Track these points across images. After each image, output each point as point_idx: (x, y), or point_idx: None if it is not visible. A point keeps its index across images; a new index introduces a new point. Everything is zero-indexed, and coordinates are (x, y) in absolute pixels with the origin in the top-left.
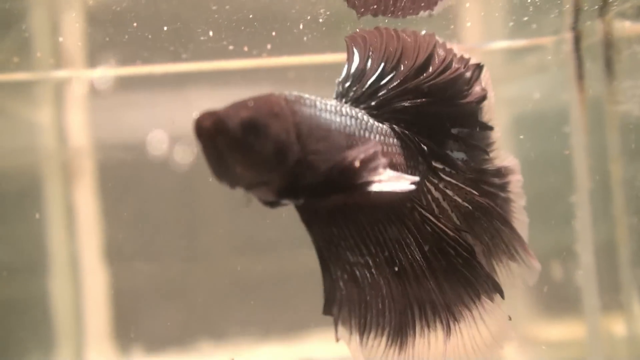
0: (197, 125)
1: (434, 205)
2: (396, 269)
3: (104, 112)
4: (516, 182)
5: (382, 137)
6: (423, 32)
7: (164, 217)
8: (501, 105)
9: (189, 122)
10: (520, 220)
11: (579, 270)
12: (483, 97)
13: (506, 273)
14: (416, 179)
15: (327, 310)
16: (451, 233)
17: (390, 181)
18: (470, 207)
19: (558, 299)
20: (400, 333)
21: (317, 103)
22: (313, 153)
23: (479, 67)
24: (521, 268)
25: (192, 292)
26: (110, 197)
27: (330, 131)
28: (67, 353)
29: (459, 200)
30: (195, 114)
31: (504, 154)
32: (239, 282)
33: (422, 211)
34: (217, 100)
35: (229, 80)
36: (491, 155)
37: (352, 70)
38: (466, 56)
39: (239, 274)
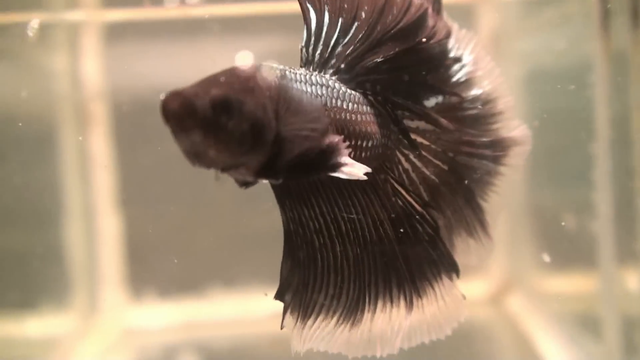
0: (163, 107)
1: (404, 177)
2: (365, 244)
3: (119, 58)
4: (517, 155)
5: (354, 106)
6: None
7: (177, 163)
8: (519, 59)
9: (203, 70)
10: (501, 195)
11: (595, 221)
12: (449, 32)
13: (464, 248)
14: (367, 169)
15: (279, 296)
16: (419, 208)
17: (349, 167)
18: (437, 181)
19: (571, 251)
20: (356, 309)
21: (288, 73)
22: (290, 129)
23: (438, 0)
24: (478, 245)
25: (204, 238)
26: (124, 143)
27: (303, 104)
28: (82, 298)
29: (427, 173)
30: (162, 95)
31: (513, 124)
32: (250, 228)
33: (394, 183)
34: (237, 47)
35: (248, 26)
36: (493, 121)
37: (312, 29)
38: None
39: (250, 220)
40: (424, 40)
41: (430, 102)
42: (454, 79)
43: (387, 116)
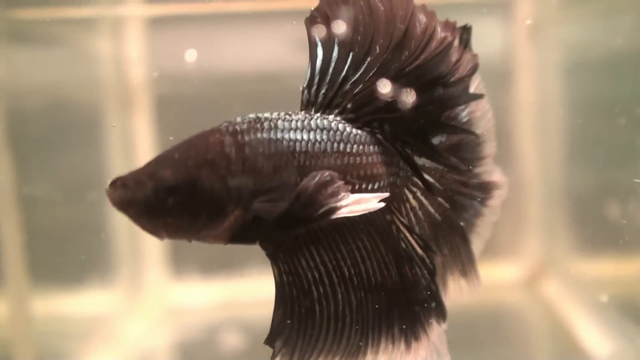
0: (108, 196)
1: (411, 215)
2: (370, 288)
3: (162, 46)
4: (497, 198)
5: (359, 147)
6: None
7: None
8: (560, 48)
9: (244, 59)
10: (481, 236)
11: (635, 206)
12: (475, 66)
13: (455, 288)
14: (385, 195)
15: (269, 341)
16: (420, 252)
17: (355, 205)
18: (439, 219)
19: (609, 236)
20: (357, 352)
21: (279, 123)
22: (267, 191)
23: (467, 30)
24: (469, 285)
25: None
26: (165, 128)
27: (288, 156)
28: (125, 277)
29: (432, 211)
30: (107, 184)
31: (494, 169)
32: None
33: (400, 225)
34: (281, 37)
35: (293, 18)
36: (480, 166)
37: (317, 67)
38: (451, 20)
39: None
40: (443, 78)
41: (435, 140)
42: (459, 117)
43: (396, 154)
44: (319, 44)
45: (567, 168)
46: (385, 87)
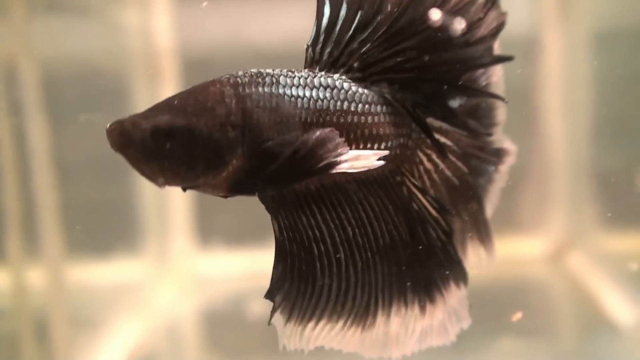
0: (108, 136)
1: (425, 178)
2: (378, 249)
3: (189, 15)
4: (508, 165)
5: (365, 107)
6: None
7: None
8: (588, 20)
9: (273, 30)
10: (492, 203)
11: None
12: (501, 25)
13: (475, 254)
14: (384, 153)
15: (269, 295)
16: (435, 213)
17: (354, 160)
18: (457, 183)
19: (635, 210)
20: (367, 313)
21: (282, 79)
22: (265, 141)
23: None
24: (486, 252)
25: None
26: None
27: (290, 112)
28: (153, 247)
29: (449, 174)
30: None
31: (503, 137)
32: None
33: (411, 186)
34: (306, 7)
35: None
36: (493, 132)
37: (323, 25)
38: None
39: None
40: (462, 37)
41: (454, 102)
42: (479, 81)
43: (407, 115)
44: (327, 1)
45: (594, 142)
46: (394, 44)
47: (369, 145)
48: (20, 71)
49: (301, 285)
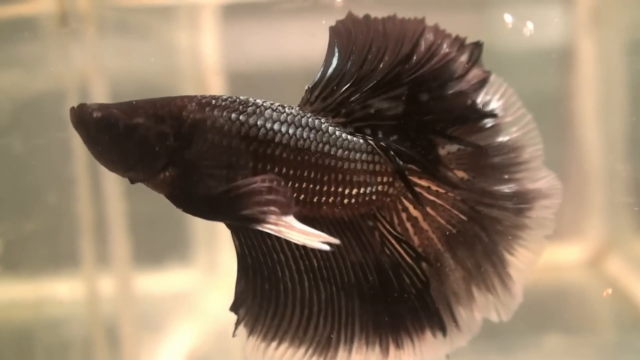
0: (69, 113)
1: (408, 225)
2: (342, 285)
3: (235, 36)
4: (544, 208)
5: (345, 152)
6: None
7: None
8: (621, 30)
9: (315, 50)
10: (532, 250)
11: None
12: (483, 81)
13: (483, 302)
14: (334, 241)
15: (233, 308)
16: (409, 261)
17: (288, 229)
18: (454, 231)
19: None
20: (328, 346)
21: (267, 112)
22: (207, 166)
23: (478, 46)
24: (497, 301)
25: None
26: None
27: (260, 145)
28: (203, 258)
29: (443, 221)
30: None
31: (543, 173)
32: None
33: (385, 232)
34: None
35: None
36: (515, 170)
37: (328, 74)
38: (462, 37)
39: None
40: (447, 90)
41: (452, 147)
42: (479, 125)
43: (389, 163)
44: (337, 53)
45: (630, 148)
46: (380, 94)
47: (340, 189)
48: (92, 88)
49: (264, 303)
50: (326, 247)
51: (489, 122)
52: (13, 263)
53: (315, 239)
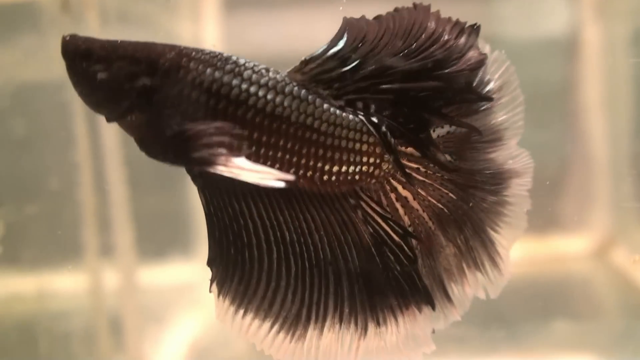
0: (61, 41)
1: (398, 205)
2: (317, 261)
3: (237, 25)
4: (519, 186)
5: (330, 127)
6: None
7: None
8: (628, 17)
9: (318, 40)
10: (515, 226)
11: None
12: (479, 62)
13: (473, 280)
14: (289, 177)
15: (209, 263)
16: (396, 238)
17: (239, 170)
18: (445, 210)
19: None
20: (297, 322)
21: (246, 72)
22: (169, 113)
23: (475, 29)
24: (486, 280)
25: None
26: None
27: (231, 104)
28: (205, 251)
29: (433, 200)
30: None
31: (515, 151)
32: None
33: (369, 210)
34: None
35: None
36: (493, 150)
37: (330, 52)
38: (462, 20)
39: None
40: (445, 69)
41: (443, 130)
42: (473, 107)
43: (379, 145)
44: (345, 38)
45: (635, 138)
46: (374, 70)
47: (319, 164)
48: None
49: (229, 267)
50: (281, 184)
51: (483, 105)
52: (14, 247)
53: (268, 176)
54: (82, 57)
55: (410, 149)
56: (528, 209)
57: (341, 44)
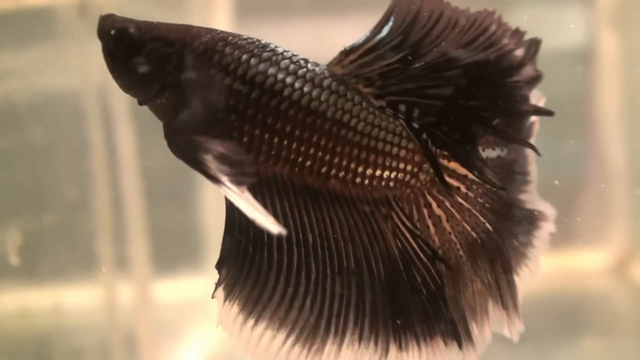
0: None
1: (429, 222)
2: (340, 270)
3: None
4: (546, 231)
5: (367, 127)
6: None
7: None
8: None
9: (328, 48)
10: (530, 271)
11: None
12: (536, 78)
13: (496, 319)
14: (282, 230)
15: (218, 266)
16: (424, 259)
17: (236, 197)
18: (479, 240)
19: None
20: (314, 335)
21: (283, 62)
22: (194, 100)
23: (535, 43)
24: (506, 320)
25: None
26: None
27: (263, 93)
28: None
29: (468, 227)
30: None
31: (537, 198)
32: None
33: (399, 223)
34: (365, 26)
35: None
36: (526, 185)
37: (373, 41)
38: (522, 30)
39: None
40: (499, 80)
41: (494, 152)
42: (520, 124)
43: (419, 152)
44: (390, 22)
45: None
46: (425, 72)
47: (353, 165)
48: (111, 79)
49: (244, 267)
50: (276, 231)
51: (529, 124)
52: (31, 258)
53: (264, 218)
54: (116, 36)
55: (453, 164)
56: (542, 255)
57: (386, 30)
